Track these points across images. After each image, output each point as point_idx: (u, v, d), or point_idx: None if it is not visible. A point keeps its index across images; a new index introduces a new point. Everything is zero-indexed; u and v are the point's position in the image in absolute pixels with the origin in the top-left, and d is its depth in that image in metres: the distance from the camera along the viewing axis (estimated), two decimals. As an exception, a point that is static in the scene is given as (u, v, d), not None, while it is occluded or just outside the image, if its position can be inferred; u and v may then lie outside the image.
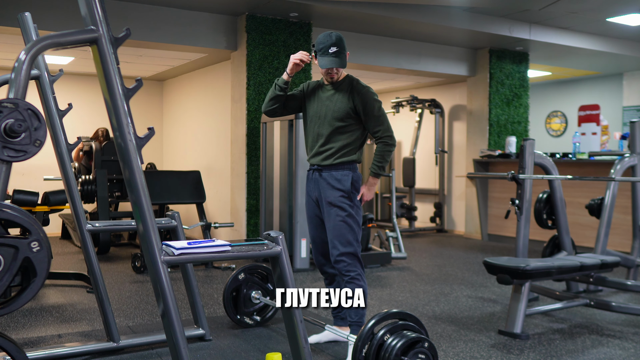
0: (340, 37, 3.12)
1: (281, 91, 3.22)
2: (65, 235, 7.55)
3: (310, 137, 3.26)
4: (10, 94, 1.72)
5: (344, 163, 3.15)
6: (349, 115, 3.13)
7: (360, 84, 3.17)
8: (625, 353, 3.26)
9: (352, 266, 3.11)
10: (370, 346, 2.50)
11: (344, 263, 3.10)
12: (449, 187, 8.97)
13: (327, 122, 3.16)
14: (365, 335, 2.51)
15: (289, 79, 3.21)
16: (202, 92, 7.82)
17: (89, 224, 3.12)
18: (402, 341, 2.46)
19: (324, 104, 3.18)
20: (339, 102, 3.14)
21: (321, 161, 3.18)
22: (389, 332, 2.52)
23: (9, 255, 1.67)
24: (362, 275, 3.15)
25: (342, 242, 3.11)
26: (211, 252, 1.99)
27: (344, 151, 3.15)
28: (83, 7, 1.84)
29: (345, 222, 3.12)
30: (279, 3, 5.88)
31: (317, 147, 3.20)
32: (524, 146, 4.25)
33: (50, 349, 3.05)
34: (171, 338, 1.90)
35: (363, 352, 2.50)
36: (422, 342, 2.49)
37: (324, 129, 3.17)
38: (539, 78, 10.29)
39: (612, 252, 4.51)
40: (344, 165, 3.15)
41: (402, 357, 2.44)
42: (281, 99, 3.25)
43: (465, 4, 6.39)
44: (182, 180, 6.26)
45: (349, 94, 3.14)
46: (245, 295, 3.63)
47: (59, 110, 3.07)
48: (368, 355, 2.49)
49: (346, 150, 3.15)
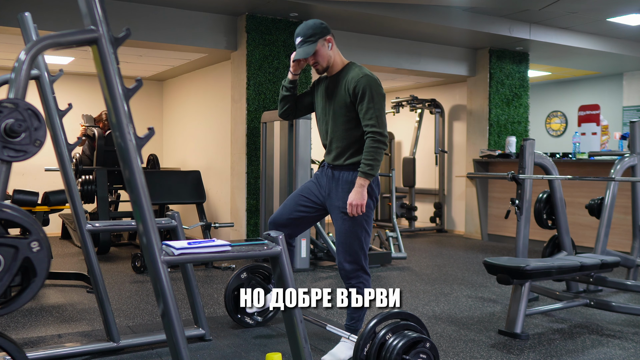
0: (305, 26, 2.96)
1: (287, 91, 3.13)
2: (65, 235, 7.55)
3: (321, 136, 3.14)
4: (10, 94, 1.72)
5: (354, 164, 2.96)
6: (348, 107, 2.94)
7: (359, 70, 2.93)
8: (625, 353, 3.26)
9: (352, 273, 3.00)
10: (372, 345, 2.50)
11: (344, 272, 3.01)
12: (449, 187, 8.97)
13: (331, 117, 3.02)
14: (366, 334, 2.52)
15: (294, 78, 3.10)
16: (202, 92, 7.82)
17: (89, 224, 3.12)
18: (403, 341, 2.47)
19: (326, 98, 3.06)
20: (337, 94, 2.99)
21: (332, 160, 3.04)
22: (391, 332, 2.52)
23: (9, 255, 1.67)
24: (365, 282, 3.02)
25: (347, 251, 2.98)
26: (211, 252, 1.99)
27: (352, 150, 2.97)
28: (83, 7, 1.84)
29: (353, 231, 2.96)
30: (279, 3, 5.88)
31: (328, 144, 3.08)
32: (524, 146, 4.25)
33: (50, 349, 3.05)
34: (171, 338, 1.90)
35: (364, 351, 2.50)
36: (424, 342, 2.50)
37: (329, 126, 3.04)
38: (539, 78, 10.29)
39: (612, 252, 4.51)
40: (355, 166, 2.95)
41: (404, 356, 2.44)
42: (290, 99, 3.15)
43: (465, 4, 6.39)
44: (182, 180, 6.26)
45: (345, 83, 2.94)
46: None
47: (59, 110, 3.07)
48: (369, 354, 2.49)
49: (354, 149, 2.97)
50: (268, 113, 6.01)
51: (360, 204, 2.87)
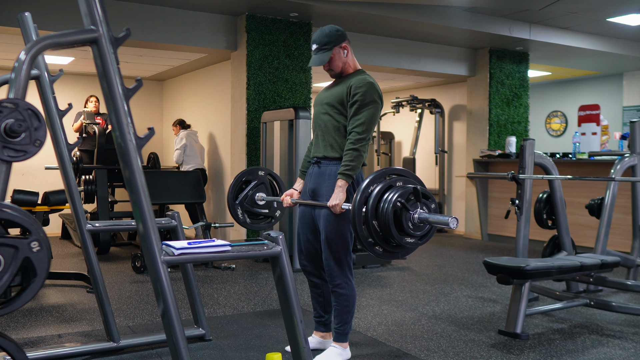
0: (322, 33, 2.97)
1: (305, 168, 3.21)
2: (65, 235, 7.55)
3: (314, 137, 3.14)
4: (10, 94, 1.72)
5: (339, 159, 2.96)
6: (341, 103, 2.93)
7: (365, 76, 2.95)
8: (625, 353, 3.26)
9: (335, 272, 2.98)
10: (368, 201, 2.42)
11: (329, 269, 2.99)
12: (449, 187, 8.97)
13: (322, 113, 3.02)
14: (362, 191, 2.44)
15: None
16: (202, 92, 7.82)
17: (89, 224, 3.12)
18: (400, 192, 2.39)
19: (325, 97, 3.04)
20: (337, 90, 2.98)
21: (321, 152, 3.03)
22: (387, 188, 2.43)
23: (9, 255, 1.67)
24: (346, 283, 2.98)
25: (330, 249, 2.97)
26: (211, 252, 1.99)
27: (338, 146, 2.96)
28: (83, 7, 1.84)
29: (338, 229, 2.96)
30: (279, 3, 5.88)
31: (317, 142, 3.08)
32: (524, 146, 4.25)
33: (50, 349, 3.05)
34: (171, 338, 1.90)
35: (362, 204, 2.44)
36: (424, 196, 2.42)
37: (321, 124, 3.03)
38: (539, 78, 10.28)
39: (612, 252, 4.51)
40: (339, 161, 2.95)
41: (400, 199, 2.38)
42: None
43: (465, 4, 6.39)
44: (182, 180, 6.26)
45: (348, 83, 2.95)
46: (250, 196, 3.50)
47: (59, 110, 3.07)
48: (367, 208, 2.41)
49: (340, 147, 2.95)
50: (268, 113, 6.01)
51: (335, 204, 2.83)
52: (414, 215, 2.37)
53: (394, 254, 2.48)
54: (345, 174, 2.84)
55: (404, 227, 2.36)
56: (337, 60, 2.98)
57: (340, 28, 3.03)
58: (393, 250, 2.46)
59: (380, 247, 2.44)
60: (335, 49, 2.98)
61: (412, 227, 2.37)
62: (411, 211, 2.38)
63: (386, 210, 2.36)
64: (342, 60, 3.00)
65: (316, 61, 2.97)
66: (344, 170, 2.84)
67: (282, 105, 6.39)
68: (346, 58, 3.02)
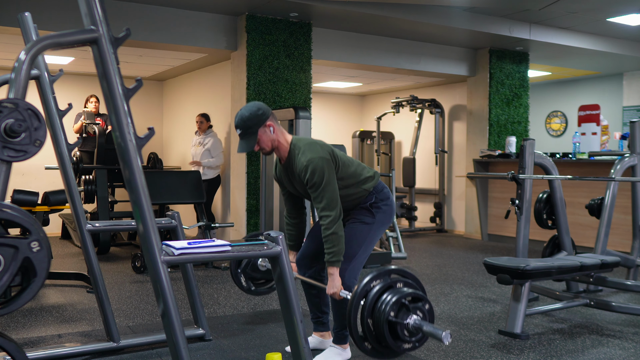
0: (242, 118, 2.85)
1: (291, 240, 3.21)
2: (65, 235, 7.55)
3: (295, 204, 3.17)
4: (10, 94, 1.72)
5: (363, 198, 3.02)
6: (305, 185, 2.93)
7: (302, 157, 2.87)
8: (625, 353, 3.26)
9: None
10: (366, 301, 2.42)
11: None
12: (449, 187, 8.97)
13: (298, 188, 3.01)
14: (361, 289, 2.44)
15: None
16: (202, 92, 7.82)
17: (89, 224, 3.12)
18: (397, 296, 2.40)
19: (291, 185, 3.05)
20: (297, 181, 2.96)
21: None
22: (386, 288, 2.44)
23: (9, 255, 1.67)
24: None
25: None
26: (211, 252, 1.99)
27: (355, 198, 3.01)
28: (83, 7, 1.84)
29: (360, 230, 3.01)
30: (279, 3, 5.88)
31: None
32: (524, 146, 4.25)
33: (50, 349, 3.05)
34: (171, 338, 1.90)
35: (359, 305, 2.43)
36: (423, 302, 2.42)
37: (305, 194, 3.04)
38: (539, 78, 10.29)
39: (612, 252, 4.50)
40: (366, 197, 3.02)
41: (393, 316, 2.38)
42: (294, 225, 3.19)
43: (465, 4, 6.39)
44: (182, 180, 6.26)
45: (297, 173, 2.91)
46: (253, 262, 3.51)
47: (59, 110, 3.07)
48: (364, 308, 2.42)
49: (356, 197, 3.01)
50: (268, 113, 6.00)
51: (333, 292, 2.83)
52: (409, 322, 2.38)
53: (381, 353, 2.48)
54: (333, 262, 2.81)
55: (399, 335, 2.37)
56: (265, 140, 2.88)
57: (261, 106, 2.89)
58: (382, 349, 2.46)
59: (369, 344, 2.45)
60: (260, 130, 2.85)
61: (408, 334, 2.39)
62: (406, 320, 2.39)
63: (383, 311, 2.36)
64: (269, 139, 2.89)
65: (244, 147, 2.89)
66: (330, 258, 2.81)
67: (282, 105, 6.39)
68: (274, 135, 2.89)
